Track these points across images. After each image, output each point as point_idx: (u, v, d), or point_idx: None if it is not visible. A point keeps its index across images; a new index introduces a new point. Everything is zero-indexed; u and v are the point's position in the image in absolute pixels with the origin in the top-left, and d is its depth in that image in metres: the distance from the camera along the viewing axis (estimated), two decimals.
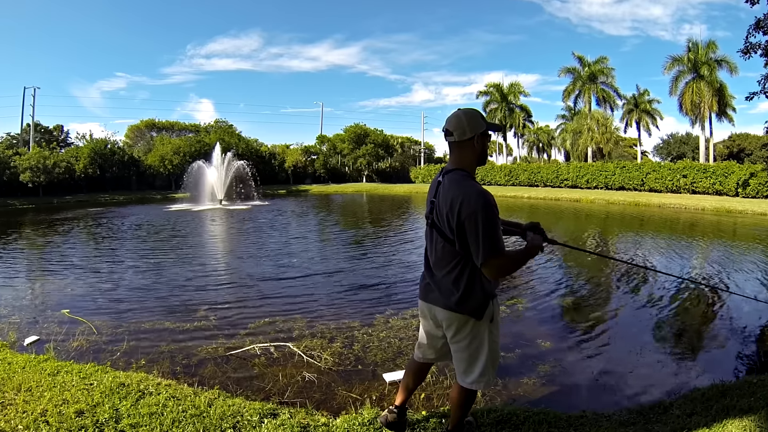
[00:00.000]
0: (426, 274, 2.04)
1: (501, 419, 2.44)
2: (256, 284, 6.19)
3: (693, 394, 2.83)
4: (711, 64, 27.33)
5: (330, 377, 3.27)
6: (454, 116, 1.87)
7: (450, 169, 1.89)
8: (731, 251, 9.03)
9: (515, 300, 5.26)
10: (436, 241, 1.92)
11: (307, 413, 2.50)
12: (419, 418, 2.47)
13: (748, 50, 6.01)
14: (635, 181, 24.79)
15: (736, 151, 44.08)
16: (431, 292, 1.98)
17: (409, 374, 2.26)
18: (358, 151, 42.11)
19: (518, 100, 38.66)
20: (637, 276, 6.70)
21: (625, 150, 47.86)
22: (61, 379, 2.79)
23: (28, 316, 4.76)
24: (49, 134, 39.17)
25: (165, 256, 8.72)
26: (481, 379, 1.93)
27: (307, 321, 4.50)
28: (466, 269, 1.84)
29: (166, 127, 44.49)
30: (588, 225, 14.36)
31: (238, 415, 2.39)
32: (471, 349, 1.92)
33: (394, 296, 5.50)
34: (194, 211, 18.76)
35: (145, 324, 4.42)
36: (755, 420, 2.31)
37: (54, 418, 2.28)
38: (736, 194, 20.46)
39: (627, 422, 2.48)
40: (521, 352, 3.73)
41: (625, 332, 4.39)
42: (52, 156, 28.83)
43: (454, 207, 1.76)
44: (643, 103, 36.60)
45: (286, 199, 27.20)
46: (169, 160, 33.77)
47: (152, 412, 2.38)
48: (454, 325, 1.91)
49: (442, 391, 3.00)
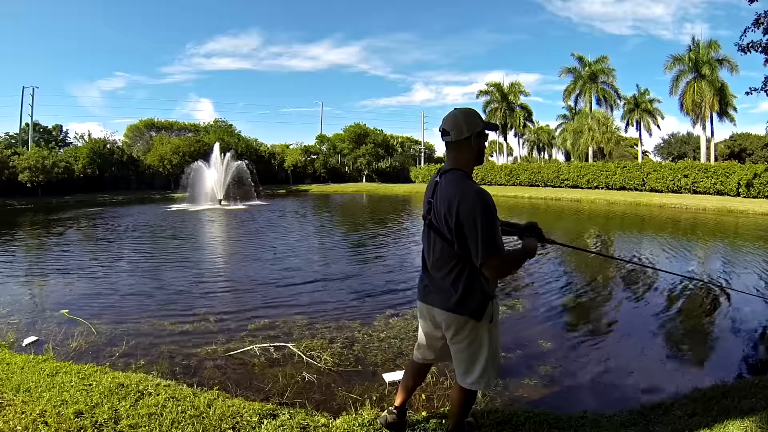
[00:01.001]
0: (424, 275, 2.03)
1: (501, 420, 2.44)
2: (256, 285, 6.18)
3: (694, 395, 2.82)
4: (712, 63, 27.27)
5: (330, 378, 3.26)
6: (451, 115, 1.87)
7: (447, 169, 1.87)
8: (740, 252, 9.01)
9: (516, 300, 5.24)
10: (434, 242, 1.90)
11: (307, 414, 2.49)
12: (419, 419, 2.46)
13: (747, 47, 5.99)
14: (636, 181, 24.77)
15: (737, 151, 44.02)
16: (430, 293, 1.97)
17: (409, 375, 2.26)
18: (358, 150, 42.10)
19: (518, 100, 38.62)
20: (638, 276, 6.69)
21: (626, 150, 47.82)
22: (59, 380, 2.78)
23: (27, 316, 4.75)
24: (48, 134, 39.22)
25: (164, 256, 8.72)
26: (482, 379, 1.92)
27: (307, 321, 4.49)
28: (465, 270, 1.83)
29: (165, 126, 44.41)
30: (589, 225, 14.35)
31: (237, 416, 2.38)
32: (471, 349, 1.91)
33: (394, 296, 5.48)
34: (193, 212, 18.75)
35: (145, 324, 4.41)
36: (757, 421, 2.30)
37: (53, 419, 2.27)
38: (738, 194, 20.43)
39: (628, 423, 2.47)
40: (522, 352, 3.72)
41: (626, 332, 4.38)
42: (50, 156, 28.76)
43: (452, 207, 1.75)
44: (644, 102, 36.54)
45: (286, 199, 27.20)
46: (168, 160, 33.69)
47: (151, 412, 2.37)
48: (453, 326, 1.90)
49: (442, 392, 2.99)
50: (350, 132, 42.76)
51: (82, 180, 30.50)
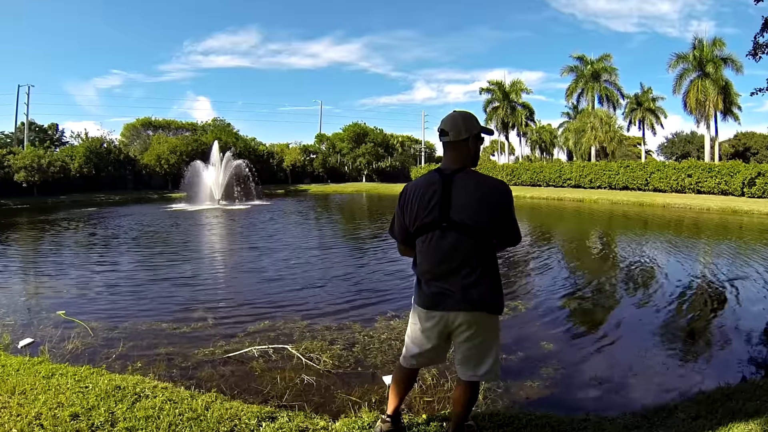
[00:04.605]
0: (433, 283, 1.91)
1: (503, 423, 2.40)
2: (255, 286, 6.17)
3: (698, 397, 2.79)
4: (716, 61, 27.13)
5: (329, 380, 3.23)
6: (450, 117, 1.93)
7: (457, 168, 1.88)
8: (744, 252, 8.95)
9: (517, 302, 5.21)
10: (456, 244, 1.83)
11: (306, 416, 2.46)
12: (420, 421, 2.42)
13: (756, 51, 5.91)
14: (639, 181, 24.68)
15: (741, 150, 43.91)
16: (447, 298, 1.87)
17: (400, 382, 2.19)
18: (357, 150, 42.10)
19: (520, 99, 38.50)
20: (641, 277, 6.65)
21: (629, 149, 47.72)
22: (55, 382, 2.76)
23: (23, 317, 4.72)
24: (44, 133, 39.14)
25: (161, 256, 8.69)
26: (494, 368, 1.95)
27: (307, 323, 4.46)
28: (489, 266, 1.88)
29: (162, 125, 44.30)
30: (591, 225, 14.31)
31: (235, 419, 2.35)
32: (486, 343, 1.93)
33: (395, 297, 5.44)
34: (191, 212, 18.76)
35: (142, 326, 4.38)
36: (762, 423, 2.27)
37: (49, 422, 2.25)
38: (742, 194, 20.30)
39: (631, 426, 2.44)
40: (523, 354, 3.69)
41: (628, 334, 4.33)
42: (46, 155, 28.70)
43: (494, 199, 1.85)
44: (647, 101, 36.43)
45: (285, 199, 27.22)
46: (166, 160, 33.65)
47: (148, 415, 2.35)
48: (475, 325, 1.89)
49: (443, 394, 2.95)
50: (350, 131, 42.77)
51: (79, 180, 30.46)
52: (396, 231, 2.05)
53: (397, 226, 2.03)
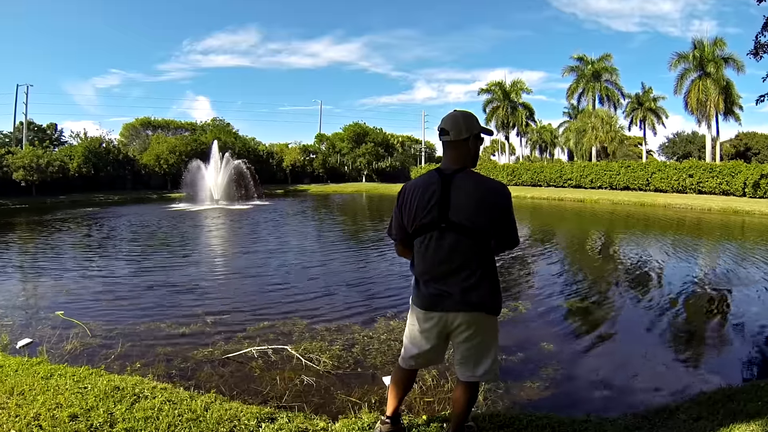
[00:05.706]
0: (432, 283, 1.91)
1: (503, 424, 2.39)
2: (255, 286, 6.16)
3: (699, 398, 2.78)
4: (717, 61, 27.07)
5: (329, 380, 3.22)
6: (451, 116, 1.92)
7: (457, 169, 1.88)
8: (746, 253, 8.93)
9: (517, 302, 5.19)
10: (455, 245, 1.83)
11: (306, 417, 2.45)
12: (420, 422, 2.41)
13: (757, 51, 5.90)
14: (640, 181, 24.65)
15: (743, 150, 43.85)
16: (446, 299, 1.87)
17: (399, 383, 2.18)
18: (357, 150, 42.08)
19: (520, 98, 38.48)
20: (642, 277, 6.63)
21: (630, 149, 47.66)
22: (54, 383, 2.75)
23: (21, 318, 4.70)
24: (43, 132, 39.07)
25: (160, 257, 8.68)
26: (493, 368, 1.96)
27: (307, 323, 4.44)
28: (488, 267, 1.88)
29: (161, 125, 44.28)
30: (592, 225, 14.30)
31: (235, 420, 2.35)
32: (485, 343, 1.94)
33: (395, 298, 5.42)
34: (190, 211, 18.75)
35: (141, 326, 4.36)
36: (763, 424, 2.27)
37: (47, 422, 2.24)
38: (744, 194, 20.27)
39: (632, 427, 2.43)
40: (524, 355, 3.67)
41: (629, 335, 4.32)
42: (45, 155, 28.64)
43: (493, 200, 1.84)
44: (648, 101, 36.37)
45: (285, 199, 27.20)
46: (165, 160, 33.60)
47: (147, 416, 2.34)
48: (474, 325, 1.89)
49: (443, 395, 2.94)
50: (350, 131, 42.74)
51: (78, 179, 30.39)
52: (394, 231, 2.04)
53: (396, 227, 2.01)
